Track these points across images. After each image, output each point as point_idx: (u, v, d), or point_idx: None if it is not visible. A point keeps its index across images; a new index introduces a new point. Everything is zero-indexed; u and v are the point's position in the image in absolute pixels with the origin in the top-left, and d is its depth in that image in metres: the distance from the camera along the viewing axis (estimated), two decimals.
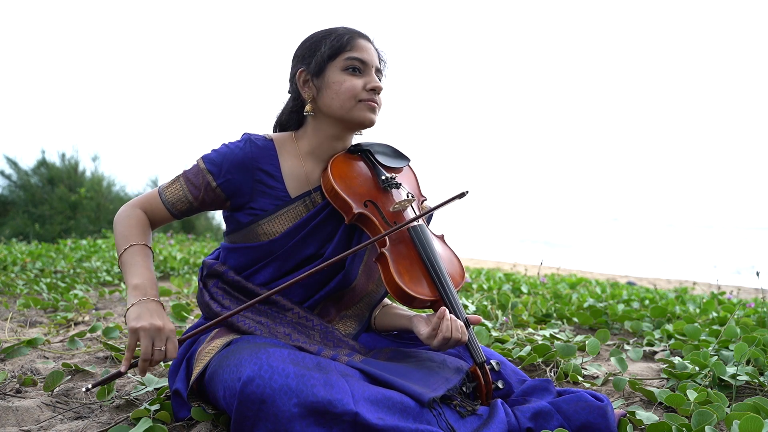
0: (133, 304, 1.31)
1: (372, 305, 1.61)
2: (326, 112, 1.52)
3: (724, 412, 1.49)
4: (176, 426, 1.45)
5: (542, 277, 4.60)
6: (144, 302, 1.32)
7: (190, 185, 1.49)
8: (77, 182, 10.62)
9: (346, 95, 1.48)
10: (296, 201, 1.52)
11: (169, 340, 1.30)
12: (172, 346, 1.30)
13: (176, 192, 1.50)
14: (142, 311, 1.30)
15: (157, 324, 1.28)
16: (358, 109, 1.50)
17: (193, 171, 1.50)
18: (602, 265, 12.67)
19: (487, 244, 20.09)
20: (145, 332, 1.27)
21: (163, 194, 1.51)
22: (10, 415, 1.48)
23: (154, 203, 1.51)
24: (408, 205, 1.52)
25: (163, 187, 1.52)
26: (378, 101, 1.52)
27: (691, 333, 2.36)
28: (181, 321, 2.56)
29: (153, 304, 1.33)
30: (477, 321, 1.45)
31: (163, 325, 1.29)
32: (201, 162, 1.50)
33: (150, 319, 1.28)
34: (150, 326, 1.27)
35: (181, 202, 1.50)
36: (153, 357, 1.27)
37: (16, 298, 3.27)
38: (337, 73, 1.50)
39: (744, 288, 6.72)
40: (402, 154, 1.68)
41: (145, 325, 1.27)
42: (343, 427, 1.15)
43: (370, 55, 1.52)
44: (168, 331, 1.29)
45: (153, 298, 1.34)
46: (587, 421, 1.34)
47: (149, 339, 1.27)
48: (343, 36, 1.51)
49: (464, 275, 1.56)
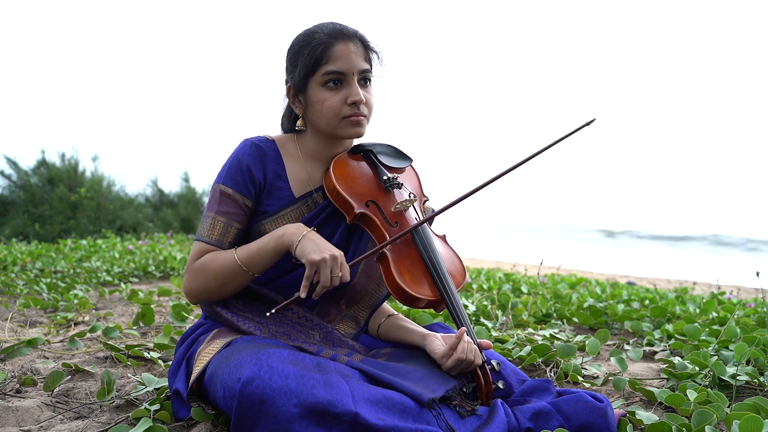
0: (299, 240, 1.37)
1: (372, 305, 1.60)
2: (316, 127, 1.52)
3: (724, 412, 1.49)
4: (176, 426, 1.45)
5: (542, 277, 4.60)
6: (311, 234, 1.38)
7: (230, 216, 1.46)
8: (77, 182, 10.61)
9: (329, 114, 1.46)
10: (299, 201, 1.52)
11: (343, 266, 1.38)
12: (346, 271, 1.38)
13: (221, 229, 1.46)
14: (313, 244, 1.36)
15: (333, 253, 1.35)
16: (343, 127, 1.48)
17: (225, 201, 1.46)
18: (602, 265, 12.66)
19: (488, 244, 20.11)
20: (326, 263, 1.34)
21: (209, 239, 1.46)
22: (10, 415, 1.48)
23: (206, 250, 1.46)
24: (409, 205, 1.52)
25: (203, 234, 1.47)
26: (364, 111, 1.48)
27: (691, 333, 2.36)
28: (181, 321, 2.56)
29: (315, 235, 1.39)
30: (488, 347, 1.45)
31: (339, 253, 1.36)
32: (225, 188, 1.46)
33: (329, 250, 1.35)
34: (330, 257, 1.34)
35: (229, 234, 1.46)
36: (332, 283, 1.36)
37: (16, 298, 3.27)
38: (317, 90, 1.46)
39: (744, 288, 6.72)
40: (404, 155, 1.68)
41: (326, 257, 1.34)
42: (342, 427, 1.15)
43: (348, 62, 1.45)
44: (341, 257, 1.37)
45: (309, 229, 1.40)
46: (587, 421, 1.34)
47: (329, 268, 1.34)
48: (317, 47, 1.44)
49: (465, 275, 1.55)
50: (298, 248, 1.36)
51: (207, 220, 1.47)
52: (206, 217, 1.48)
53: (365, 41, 1.51)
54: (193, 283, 1.45)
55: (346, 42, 1.46)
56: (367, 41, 1.51)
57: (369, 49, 1.52)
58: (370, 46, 1.52)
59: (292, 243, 1.38)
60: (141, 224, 10.73)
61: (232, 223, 1.47)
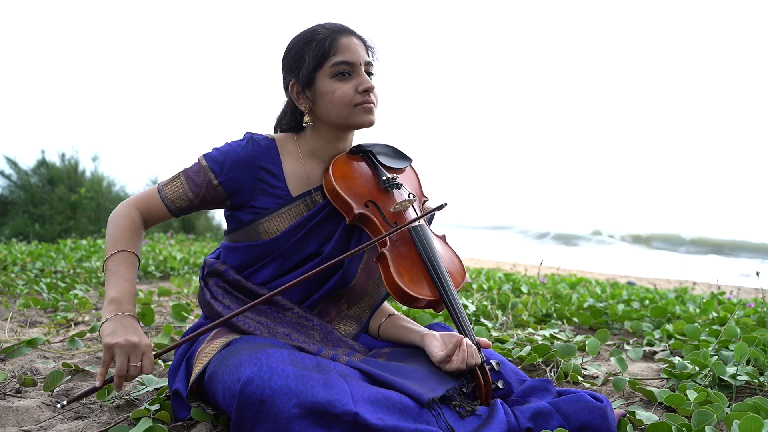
0: (107, 318, 1.31)
1: (373, 305, 1.60)
2: (325, 120, 1.51)
3: (724, 412, 1.49)
4: (176, 426, 1.45)
5: (542, 277, 4.60)
6: (119, 317, 1.31)
7: (191, 183, 1.49)
8: (77, 182, 10.62)
9: (341, 103, 1.47)
10: (297, 200, 1.52)
11: (145, 356, 1.29)
12: (148, 362, 1.30)
13: (176, 189, 1.49)
14: (117, 327, 1.29)
15: (132, 340, 1.27)
16: (355, 115, 1.49)
17: (195, 169, 1.50)
18: (602, 265, 12.66)
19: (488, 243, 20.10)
20: (120, 348, 1.26)
21: (162, 191, 1.50)
22: (10, 415, 1.48)
23: (153, 201, 1.50)
24: (409, 206, 1.52)
25: (162, 184, 1.51)
26: (373, 99, 1.50)
27: (691, 333, 2.36)
28: (181, 321, 2.56)
29: (128, 319, 1.32)
30: (487, 345, 1.45)
31: (138, 340, 1.28)
32: (203, 160, 1.50)
33: (125, 335, 1.27)
34: (125, 342, 1.27)
35: (180, 200, 1.49)
36: (129, 373, 1.27)
37: (16, 298, 3.27)
38: (326, 82, 1.47)
39: (744, 288, 6.73)
40: (404, 155, 1.68)
41: (120, 342, 1.26)
42: (342, 427, 1.15)
43: (355, 53, 1.48)
44: (143, 346, 1.29)
45: (128, 312, 1.33)
46: (587, 421, 1.33)
47: (125, 355, 1.26)
48: (323, 41, 1.46)
49: (465, 275, 1.55)
50: (101, 327, 1.31)
51: (173, 176, 1.51)
52: (175, 173, 1.51)
53: (363, 38, 1.54)
54: (111, 218, 1.47)
55: (348, 36, 1.49)
56: (363, 38, 1.54)
57: (367, 46, 1.54)
58: (367, 42, 1.55)
59: (102, 316, 1.33)
60: None
61: (188, 192, 1.48)
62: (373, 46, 1.56)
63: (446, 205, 1.52)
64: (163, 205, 1.50)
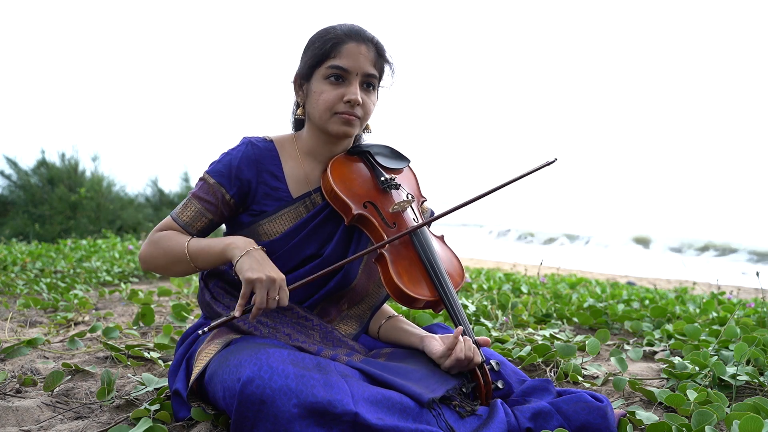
0: (241, 255, 1.34)
1: (373, 306, 1.60)
2: (311, 119, 1.52)
3: (724, 412, 1.49)
4: (176, 426, 1.45)
5: (542, 277, 4.59)
6: (253, 252, 1.35)
7: (204, 203, 1.48)
8: (77, 182, 10.63)
9: (323, 107, 1.47)
10: (297, 202, 1.52)
11: (282, 289, 1.33)
12: (285, 295, 1.34)
13: (192, 214, 1.49)
14: (254, 262, 1.33)
15: (271, 275, 1.32)
16: (333, 122, 1.48)
17: (204, 189, 1.49)
18: (602, 265, 12.65)
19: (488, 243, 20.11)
20: (261, 283, 1.30)
21: (179, 219, 1.49)
22: (10, 415, 1.48)
23: (172, 227, 1.49)
24: (407, 206, 1.52)
25: (176, 212, 1.50)
26: (357, 113, 1.48)
27: (691, 333, 2.36)
28: (181, 321, 2.56)
29: (260, 253, 1.36)
30: (486, 343, 1.45)
31: (276, 275, 1.33)
32: (209, 177, 1.48)
33: (265, 270, 1.32)
34: (266, 278, 1.31)
35: (199, 222, 1.49)
36: (268, 305, 1.31)
37: (16, 298, 3.27)
38: (319, 82, 1.47)
39: (744, 288, 6.73)
40: (402, 155, 1.68)
41: (262, 277, 1.30)
42: (342, 427, 1.15)
43: (355, 61, 1.46)
44: (280, 280, 1.33)
45: (258, 247, 1.37)
46: (587, 421, 1.34)
47: (265, 289, 1.31)
48: (329, 41, 1.46)
49: (464, 275, 1.56)
50: (238, 263, 1.34)
51: (184, 201, 1.51)
52: (186, 199, 1.52)
53: (381, 49, 1.51)
54: (146, 251, 1.48)
55: (358, 43, 1.47)
56: (382, 49, 1.51)
57: (383, 58, 1.52)
58: (385, 55, 1.52)
59: (234, 256, 1.36)
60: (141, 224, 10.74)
61: (205, 212, 1.49)
62: (391, 60, 1.54)
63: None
64: (183, 230, 1.49)
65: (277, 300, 1.33)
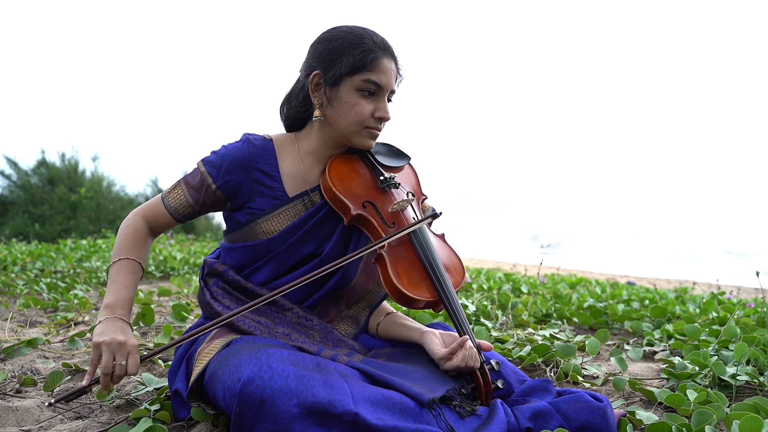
0: (100, 321, 1.34)
1: (372, 305, 1.60)
2: (332, 124, 1.51)
3: (724, 412, 1.49)
4: (176, 426, 1.45)
5: (542, 277, 4.59)
6: (110, 320, 1.34)
7: (190, 189, 1.51)
8: (77, 182, 10.63)
9: (354, 119, 1.47)
10: (294, 200, 1.52)
11: (131, 355, 1.30)
12: (133, 362, 1.31)
13: (178, 197, 1.52)
14: (106, 328, 1.32)
15: (118, 339, 1.29)
16: (360, 135, 1.49)
17: (193, 174, 1.52)
18: (602, 265, 12.65)
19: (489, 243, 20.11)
20: (107, 347, 1.28)
21: (165, 200, 1.53)
22: (10, 415, 1.48)
23: (158, 210, 1.53)
24: (407, 205, 1.52)
25: (165, 193, 1.54)
26: (382, 128, 1.51)
27: (691, 333, 2.36)
28: (181, 321, 2.56)
29: (119, 322, 1.35)
30: (489, 348, 1.46)
31: (125, 340, 1.30)
32: (201, 165, 1.51)
33: (112, 335, 1.30)
34: (111, 341, 1.28)
35: (183, 207, 1.52)
36: (114, 372, 1.28)
37: (16, 298, 3.27)
38: (350, 92, 1.46)
39: (744, 288, 6.73)
40: (402, 153, 1.67)
41: (107, 340, 1.28)
42: (342, 427, 1.15)
43: (388, 78, 1.47)
44: (130, 346, 1.30)
45: (120, 316, 1.36)
46: (587, 421, 1.33)
47: (110, 353, 1.28)
48: (368, 53, 1.44)
49: (464, 275, 1.55)
50: (95, 328, 1.34)
51: (174, 183, 1.54)
52: (176, 182, 1.54)
53: (399, 66, 1.53)
54: (120, 229, 1.52)
55: (389, 59, 1.48)
56: (399, 67, 1.53)
57: (398, 74, 1.53)
58: (400, 71, 1.54)
59: (97, 319, 1.36)
60: None
61: (189, 199, 1.51)
62: (403, 76, 1.55)
63: (441, 214, 1.52)
64: (167, 213, 1.52)
65: (125, 366, 1.29)
